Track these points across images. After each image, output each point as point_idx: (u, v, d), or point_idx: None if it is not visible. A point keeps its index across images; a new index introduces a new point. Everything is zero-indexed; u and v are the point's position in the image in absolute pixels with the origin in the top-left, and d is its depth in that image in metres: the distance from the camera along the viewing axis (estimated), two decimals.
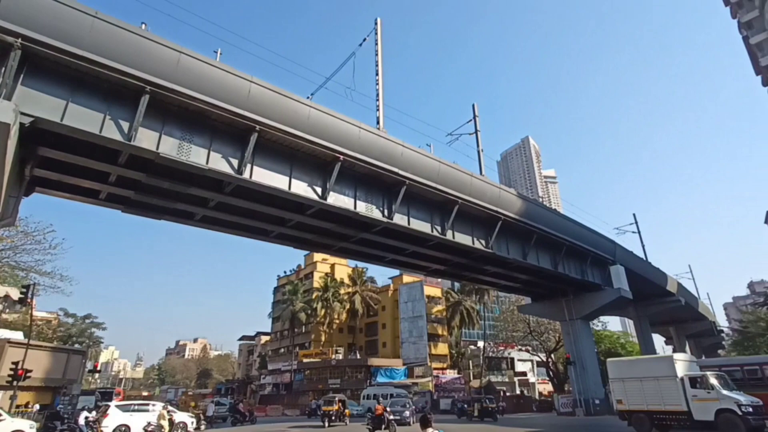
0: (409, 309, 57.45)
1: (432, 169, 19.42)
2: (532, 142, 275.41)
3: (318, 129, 15.58)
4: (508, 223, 23.28)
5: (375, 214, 18.37)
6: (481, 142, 27.72)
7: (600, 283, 32.10)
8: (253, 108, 13.97)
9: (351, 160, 16.56)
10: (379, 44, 22.70)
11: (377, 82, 22.13)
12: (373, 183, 18.51)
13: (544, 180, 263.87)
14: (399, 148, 18.14)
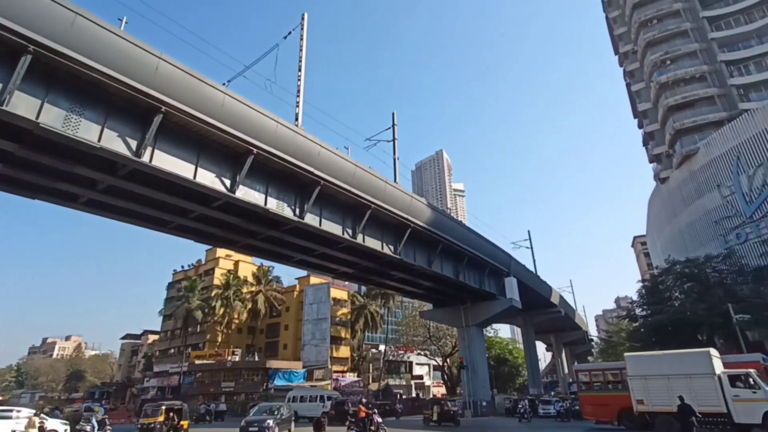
0: (314, 311, 56.93)
1: (348, 171, 19.60)
2: (446, 156, 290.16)
3: (232, 118, 14.90)
4: (417, 231, 24.31)
5: (286, 212, 18.03)
6: (398, 151, 28.60)
7: (495, 292, 34.81)
8: (159, 87, 12.93)
9: (265, 155, 16.08)
10: (304, 39, 22.41)
11: (299, 77, 21.82)
12: (286, 180, 18.16)
13: (453, 192, 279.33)
14: (316, 147, 18.03)
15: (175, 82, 13.34)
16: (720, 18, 46.35)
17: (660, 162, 51.05)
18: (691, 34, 47.34)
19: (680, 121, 44.26)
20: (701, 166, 40.85)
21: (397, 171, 27.41)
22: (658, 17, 49.86)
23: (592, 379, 22.23)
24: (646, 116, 53.21)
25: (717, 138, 39.51)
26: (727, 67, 43.95)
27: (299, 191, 18.74)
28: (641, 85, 53.56)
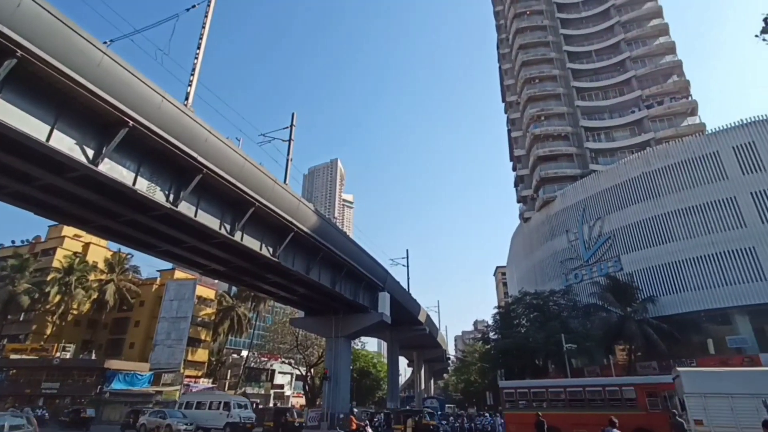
0: (174, 308, 52.29)
1: (236, 164, 18.75)
2: (340, 165, 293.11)
3: (109, 83, 13.30)
4: (300, 236, 24.13)
5: (157, 197, 16.53)
6: (293, 152, 28.24)
7: (368, 306, 35.93)
8: (18, 27, 11.06)
9: (143, 131, 14.63)
10: (209, 16, 21.15)
11: (197, 55, 20.44)
12: (164, 162, 16.69)
13: (342, 203, 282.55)
14: (205, 132, 16.96)
15: (41, 25, 11.53)
16: (585, 90, 55.33)
17: (526, 203, 58.45)
18: (563, 99, 55.59)
19: (545, 171, 51.41)
20: (556, 212, 47.79)
21: (289, 172, 27.02)
22: (540, 78, 57.62)
23: (519, 397, 22.50)
24: (520, 161, 60.68)
25: (571, 190, 46.72)
26: (585, 131, 52.46)
27: (178, 176, 17.35)
28: (519, 133, 61.04)
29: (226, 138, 18.50)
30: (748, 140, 34.51)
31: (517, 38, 61.08)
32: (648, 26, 54.82)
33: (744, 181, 33.81)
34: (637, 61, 53.69)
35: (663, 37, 53.73)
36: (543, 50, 58.94)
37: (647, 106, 50.30)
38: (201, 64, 20.36)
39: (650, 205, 38.28)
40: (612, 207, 41.30)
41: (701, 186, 35.75)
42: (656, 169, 38.76)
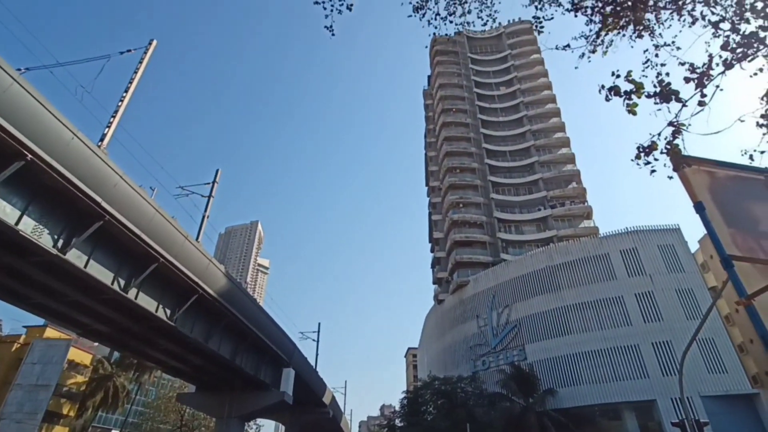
0: (36, 373, 44.55)
1: (145, 214, 17.65)
2: (260, 228, 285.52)
3: (13, 110, 12.37)
4: (205, 299, 22.57)
5: (44, 240, 14.86)
6: (210, 209, 27.34)
7: (270, 383, 33.48)
8: None
9: (43, 167, 13.47)
10: (144, 63, 20.92)
11: (123, 98, 19.85)
12: (60, 203, 15.27)
13: (257, 267, 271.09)
14: (115, 177, 15.99)
15: None
16: (500, 185, 61.26)
17: (441, 285, 60.56)
18: (480, 190, 60.83)
19: (461, 255, 54.36)
20: (469, 297, 49.92)
21: (203, 229, 25.97)
22: (460, 168, 63.03)
23: None
24: (438, 244, 63.83)
25: (483, 276, 49.51)
26: (498, 222, 57.16)
27: (74, 221, 15.85)
28: (439, 217, 64.84)
29: (140, 186, 17.58)
30: (632, 246, 39.83)
31: (443, 131, 67.25)
32: (553, 137, 63.53)
33: (629, 282, 38.40)
34: (544, 166, 61.25)
35: (565, 148, 62.39)
36: (465, 144, 65.24)
37: (551, 206, 56.66)
38: (125, 107, 19.73)
39: (552, 298, 41.60)
40: (519, 296, 44.20)
41: (595, 283, 39.89)
42: (558, 264, 42.79)
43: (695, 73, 4.63)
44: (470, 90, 71.62)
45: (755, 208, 4.02)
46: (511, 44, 75.99)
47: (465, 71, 74.43)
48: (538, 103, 67.65)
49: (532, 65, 71.58)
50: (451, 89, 71.79)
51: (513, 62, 73.46)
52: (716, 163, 4.00)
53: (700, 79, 4.57)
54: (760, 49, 4.83)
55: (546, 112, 66.29)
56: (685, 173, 3.82)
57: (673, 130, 4.66)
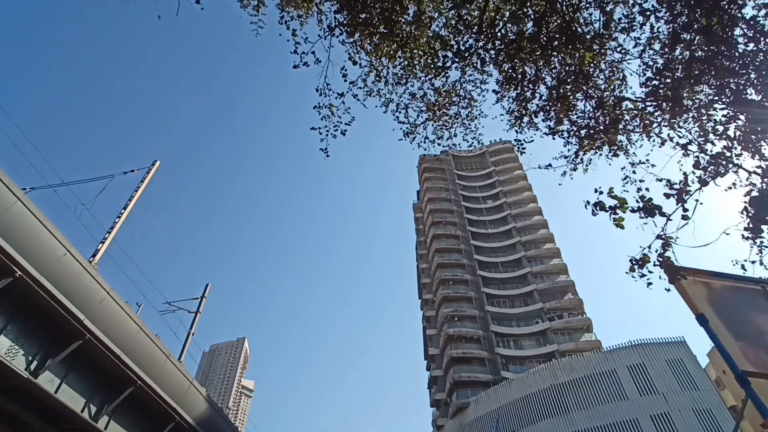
0: None
1: (128, 332, 16.96)
2: (246, 346, 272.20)
3: (11, 228, 12.61)
4: (182, 427, 20.64)
5: (17, 362, 13.99)
6: (197, 325, 26.42)
7: None
8: None
9: (30, 283, 13.30)
10: (145, 183, 21.95)
11: (120, 215, 20.40)
12: (40, 321, 14.74)
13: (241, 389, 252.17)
14: (103, 293, 15.70)
15: None
16: (495, 297, 60.65)
17: (439, 408, 56.24)
18: (474, 302, 59.99)
19: (459, 374, 51.50)
20: (470, 421, 46.09)
21: (187, 348, 24.76)
22: (453, 280, 62.91)
23: None
24: (434, 360, 60.79)
25: (484, 397, 46.32)
26: (496, 336, 55.32)
27: (51, 339, 15.15)
28: (434, 332, 62.80)
29: (126, 302, 17.19)
30: (639, 361, 38.19)
31: (434, 243, 68.59)
32: (543, 248, 64.79)
33: (642, 402, 36.00)
34: (537, 277, 61.45)
35: (556, 259, 63.24)
36: (456, 256, 66.05)
37: (549, 319, 55.50)
38: (122, 224, 20.17)
39: (562, 422, 38.52)
40: (525, 420, 40.92)
41: (606, 404, 37.30)
42: (563, 382, 40.49)
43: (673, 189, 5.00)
44: (458, 204, 74.97)
45: (759, 320, 4.02)
46: (494, 161, 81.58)
47: (452, 186, 78.67)
48: (525, 215, 70.39)
49: (515, 180, 76.07)
50: (440, 203, 75.11)
51: (498, 178, 78.11)
52: (711, 274, 4.10)
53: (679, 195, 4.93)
54: (729, 167, 5.29)
55: (534, 224, 68.63)
56: (682, 285, 3.89)
57: (663, 243, 4.86)
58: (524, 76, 7.11)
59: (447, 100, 7.64)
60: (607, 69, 7.04)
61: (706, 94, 6.14)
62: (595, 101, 6.76)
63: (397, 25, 6.48)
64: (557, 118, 7.03)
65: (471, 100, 7.81)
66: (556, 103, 6.81)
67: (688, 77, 5.62)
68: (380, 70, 7.30)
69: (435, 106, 7.63)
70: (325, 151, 7.38)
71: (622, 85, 6.92)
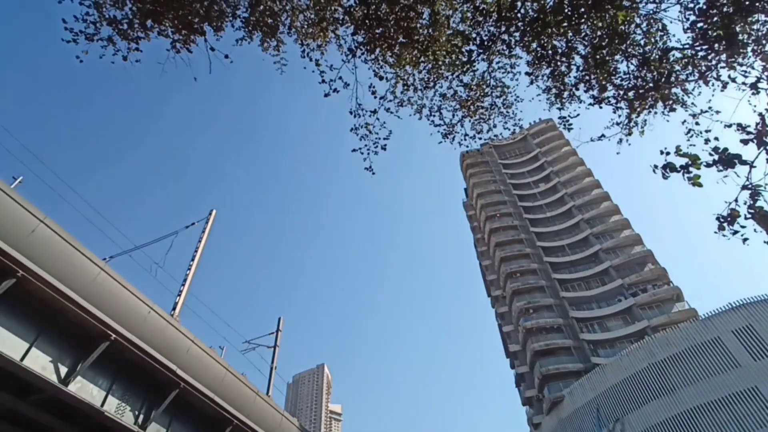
0: None
1: (217, 375, 17.87)
2: (327, 371, 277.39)
3: (100, 296, 13.74)
4: None
5: (126, 418, 15.11)
6: (277, 359, 27.27)
7: None
8: (27, 250, 11.99)
9: (124, 343, 14.39)
10: (206, 233, 23.19)
11: (190, 267, 21.64)
12: (139, 376, 15.87)
13: (329, 415, 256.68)
14: (187, 342, 16.69)
15: (49, 247, 12.54)
16: (567, 281, 58.01)
17: (532, 406, 54.16)
18: (547, 291, 57.67)
19: (545, 367, 49.42)
20: (568, 415, 43.97)
21: (272, 382, 25.58)
22: (520, 272, 60.94)
23: None
24: (517, 357, 58.85)
25: (578, 388, 44.09)
26: (577, 322, 52.74)
27: (151, 392, 16.25)
28: (511, 328, 60.92)
29: (210, 347, 18.13)
30: (746, 323, 34.77)
31: (492, 237, 66.97)
32: (610, 222, 61.35)
33: (758, 368, 32.71)
34: (610, 253, 58.13)
35: (626, 231, 59.61)
36: (518, 247, 64.03)
37: (632, 294, 52.17)
38: (193, 276, 21.40)
39: (669, 402, 35.80)
40: (628, 405, 38.42)
41: (716, 376, 34.21)
42: (662, 359, 37.72)
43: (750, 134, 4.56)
44: (509, 193, 72.97)
45: None
46: (538, 143, 78.95)
47: (499, 177, 76.80)
48: (583, 191, 67.18)
49: (565, 157, 73.04)
50: (490, 196, 73.42)
51: (545, 159, 75.39)
52: None
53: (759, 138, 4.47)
54: None
55: (594, 199, 65.33)
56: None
57: (751, 193, 4.42)
58: (555, 52, 6.84)
59: (479, 93, 7.50)
60: (643, 23, 6.63)
61: (763, 22, 5.60)
62: (638, 60, 6.37)
63: (415, 31, 6.48)
64: (600, 86, 6.68)
65: (504, 88, 7.62)
66: (595, 70, 6.48)
67: (738, 10, 5.15)
68: (406, 79, 7.31)
69: (468, 101, 7.52)
70: (369, 169, 7.46)
71: (665, 36, 6.46)
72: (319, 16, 6.51)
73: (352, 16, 6.26)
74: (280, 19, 6.77)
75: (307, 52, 6.90)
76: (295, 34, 6.93)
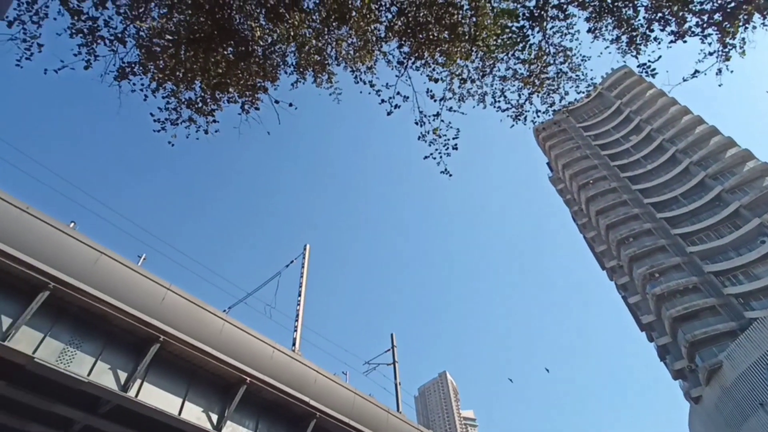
0: None
1: (347, 401, 18.64)
2: (450, 378, 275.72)
3: (228, 345, 15.14)
4: None
5: None
6: (399, 375, 27.75)
7: None
8: (162, 316, 13.63)
9: (259, 384, 15.65)
10: (305, 268, 24.52)
11: (299, 302, 22.99)
12: (278, 413, 17.11)
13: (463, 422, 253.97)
14: (313, 374, 17.67)
15: (178, 310, 14.14)
16: (692, 234, 52.04)
17: (685, 378, 48.91)
18: (669, 249, 52.24)
19: (690, 333, 44.49)
20: (733, 381, 39.06)
21: (400, 398, 26.05)
22: (632, 235, 55.96)
23: None
24: (653, 329, 53.74)
25: (737, 350, 39.09)
26: (716, 277, 46.95)
27: (292, 425, 17.40)
28: (637, 298, 55.92)
29: (333, 374, 19.01)
30: None
31: (591, 206, 62.51)
32: (726, 157, 54.28)
33: None
34: (735, 191, 51.30)
35: (750, 162, 52.33)
36: (623, 209, 58.98)
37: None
38: (303, 310, 22.70)
39: None
40: None
41: None
42: None
43: None
44: (598, 155, 67.79)
45: None
46: (616, 95, 72.83)
47: (582, 141, 71.77)
48: (684, 132, 60.36)
49: (652, 102, 66.39)
50: (578, 164, 68.71)
51: (629, 109, 69.16)
52: None
53: None
54: None
55: (700, 137, 58.38)
56: None
57: None
58: None
59: (541, 65, 7.18)
60: None
61: None
62: None
63: (458, 25, 6.41)
64: (678, 19, 6.03)
65: (566, 52, 7.21)
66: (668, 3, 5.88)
67: None
68: (460, 74, 7.24)
69: (531, 77, 7.22)
70: (446, 172, 7.45)
71: None
72: (363, 40, 6.72)
73: (393, 31, 6.38)
74: (326, 53, 7.08)
75: (359, 77, 7.13)
76: (344, 62, 7.21)
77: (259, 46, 6.41)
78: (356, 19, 6.24)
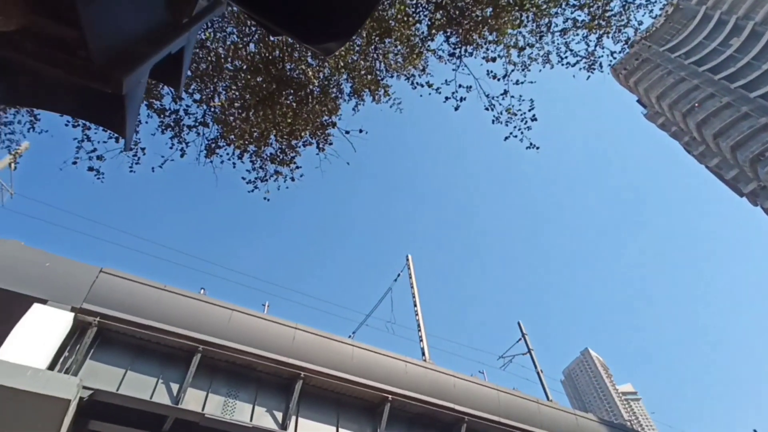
0: None
1: (490, 399, 18.33)
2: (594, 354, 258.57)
3: (362, 369, 15.79)
4: None
5: None
6: (538, 362, 26.70)
7: None
8: (297, 354, 14.67)
9: (400, 399, 16.05)
10: (412, 278, 24.82)
11: (416, 313, 23.27)
12: (428, 423, 17.33)
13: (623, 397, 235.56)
14: (450, 379, 17.69)
15: (309, 346, 15.11)
16: None
17: None
18: None
19: None
20: None
21: (545, 385, 24.99)
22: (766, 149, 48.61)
23: None
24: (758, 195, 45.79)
25: None
26: None
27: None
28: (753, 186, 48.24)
29: (471, 375, 18.86)
30: None
31: (704, 130, 55.47)
32: None
33: None
34: None
35: None
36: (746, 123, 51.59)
37: None
38: (422, 319, 22.91)
39: None
40: None
41: None
42: None
43: None
44: (697, 74, 60.14)
45: None
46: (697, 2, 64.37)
47: (673, 65, 64.22)
48: None
49: None
50: (674, 90, 61.63)
51: (720, 11, 60.64)
52: None
53: None
54: None
55: None
56: None
57: None
58: None
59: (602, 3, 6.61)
60: None
61: None
62: None
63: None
64: None
65: None
66: None
67: None
68: (516, 43, 6.94)
69: (594, 20, 6.69)
70: (532, 146, 7.15)
71: None
72: (408, 45, 6.76)
73: (436, 26, 6.34)
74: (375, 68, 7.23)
75: (414, 82, 7.17)
76: (395, 72, 7.30)
77: (314, 86, 6.75)
78: (397, 28, 6.31)
